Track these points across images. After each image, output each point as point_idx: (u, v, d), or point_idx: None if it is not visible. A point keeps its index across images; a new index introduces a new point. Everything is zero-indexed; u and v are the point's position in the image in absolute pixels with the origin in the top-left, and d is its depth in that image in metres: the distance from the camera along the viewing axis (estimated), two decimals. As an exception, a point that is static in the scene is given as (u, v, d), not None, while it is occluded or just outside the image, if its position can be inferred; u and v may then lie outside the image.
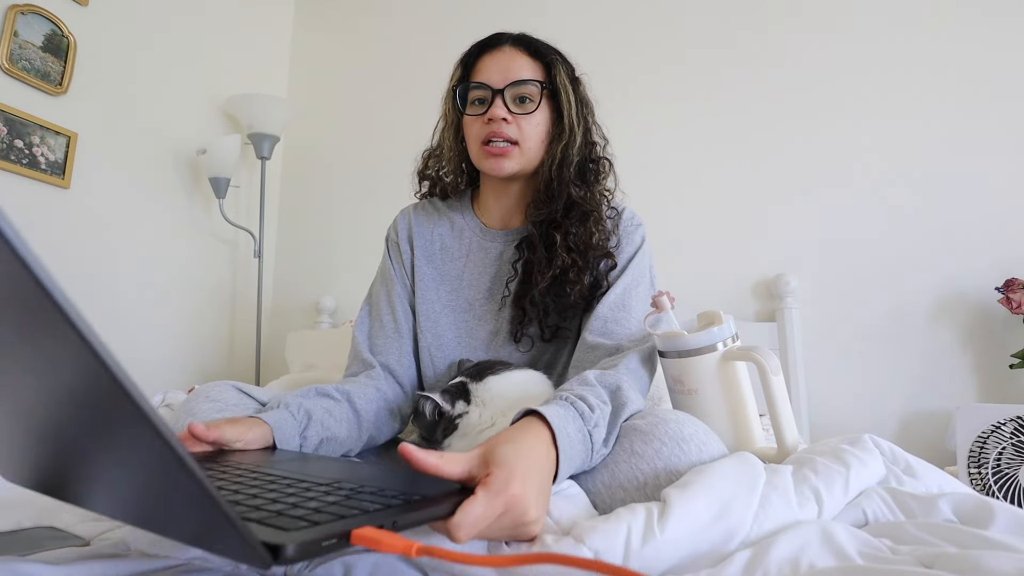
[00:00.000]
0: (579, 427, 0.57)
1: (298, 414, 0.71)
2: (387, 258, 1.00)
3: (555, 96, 0.89)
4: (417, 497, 0.41)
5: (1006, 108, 1.52)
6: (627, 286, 0.86)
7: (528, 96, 0.87)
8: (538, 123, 0.88)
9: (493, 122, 0.86)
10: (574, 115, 0.89)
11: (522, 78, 0.87)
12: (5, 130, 1.53)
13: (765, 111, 1.75)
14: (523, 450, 0.48)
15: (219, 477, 0.46)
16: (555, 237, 0.86)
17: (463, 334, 0.93)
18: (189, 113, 2.06)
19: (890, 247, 1.58)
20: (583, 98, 0.92)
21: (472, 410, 0.73)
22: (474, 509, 0.41)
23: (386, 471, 0.55)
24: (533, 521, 0.45)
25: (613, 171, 0.95)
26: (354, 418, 0.80)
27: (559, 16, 2.02)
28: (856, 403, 1.57)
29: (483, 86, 0.87)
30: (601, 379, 0.68)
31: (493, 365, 0.79)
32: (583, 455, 0.57)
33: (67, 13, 1.67)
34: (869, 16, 1.67)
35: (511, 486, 0.43)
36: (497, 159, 0.87)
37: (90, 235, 1.73)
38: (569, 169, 0.88)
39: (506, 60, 0.88)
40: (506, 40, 0.90)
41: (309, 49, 2.48)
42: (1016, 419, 1.21)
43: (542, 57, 0.89)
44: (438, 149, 1.00)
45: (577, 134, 0.89)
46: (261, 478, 0.45)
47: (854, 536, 0.46)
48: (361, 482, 0.45)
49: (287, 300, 2.32)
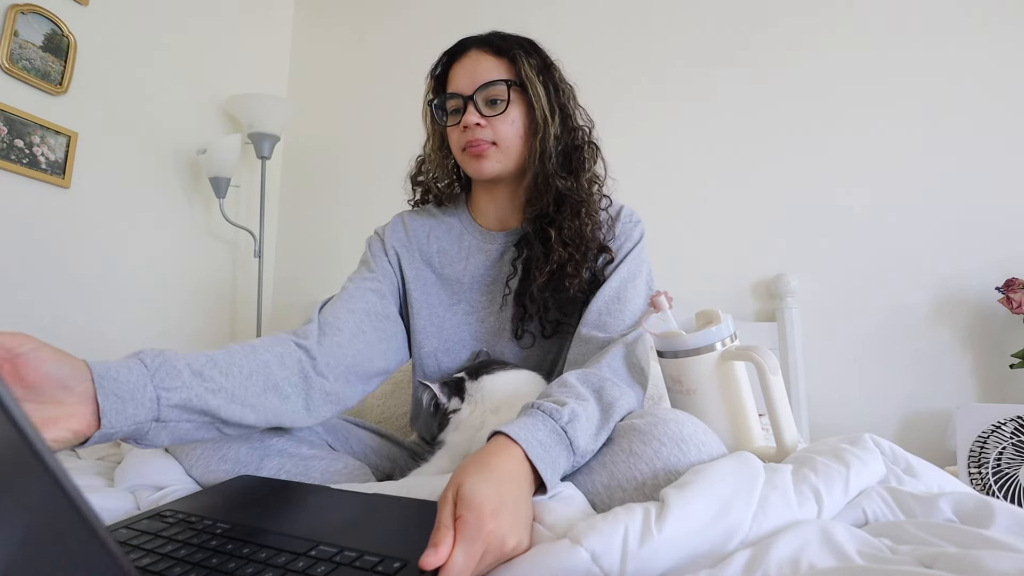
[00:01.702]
0: (551, 428, 0.57)
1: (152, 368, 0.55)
2: (370, 255, 0.96)
3: (525, 90, 0.87)
4: (398, 564, 0.42)
5: (1006, 108, 1.52)
6: (623, 279, 0.86)
7: (497, 97, 0.86)
8: (513, 120, 0.87)
9: (468, 129, 0.86)
10: (545, 105, 0.87)
11: (488, 80, 0.86)
12: (5, 130, 1.53)
13: (766, 111, 1.75)
14: (491, 477, 0.49)
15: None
16: (550, 233, 0.86)
17: (467, 336, 0.93)
18: (189, 113, 2.06)
19: (890, 247, 1.58)
20: (557, 85, 0.90)
21: (465, 407, 0.74)
22: (456, 561, 0.41)
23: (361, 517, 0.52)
24: (513, 548, 0.45)
25: (601, 156, 0.94)
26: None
27: (560, 16, 2.02)
28: (856, 403, 1.57)
29: (454, 96, 0.88)
30: (583, 379, 0.68)
31: (490, 364, 0.81)
32: (565, 454, 0.57)
33: (67, 13, 1.67)
34: (869, 20, 1.67)
35: (484, 525, 0.43)
36: (478, 161, 0.87)
37: (90, 235, 1.73)
38: (551, 161, 0.87)
39: (472, 65, 0.88)
40: (471, 44, 0.90)
41: (309, 49, 2.47)
42: (1016, 419, 1.21)
43: (506, 53, 0.88)
44: (427, 158, 1.00)
45: (552, 124, 0.87)
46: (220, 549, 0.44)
47: (854, 536, 0.46)
48: (339, 543, 0.45)
49: (287, 300, 2.32)
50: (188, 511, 0.52)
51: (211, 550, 0.44)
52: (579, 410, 0.60)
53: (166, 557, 0.43)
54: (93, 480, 0.73)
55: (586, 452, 0.60)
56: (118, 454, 0.85)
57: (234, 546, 0.44)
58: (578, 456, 0.59)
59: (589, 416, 0.61)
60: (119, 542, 0.46)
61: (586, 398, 0.64)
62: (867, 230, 1.61)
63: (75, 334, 1.67)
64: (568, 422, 0.58)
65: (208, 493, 0.60)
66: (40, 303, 1.60)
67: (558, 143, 0.88)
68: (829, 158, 1.67)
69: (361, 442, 0.89)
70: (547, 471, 0.54)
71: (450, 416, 0.74)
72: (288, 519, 0.53)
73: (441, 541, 0.42)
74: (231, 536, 0.46)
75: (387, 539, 0.48)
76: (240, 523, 0.49)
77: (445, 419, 0.75)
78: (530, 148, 0.88)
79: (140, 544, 0.45)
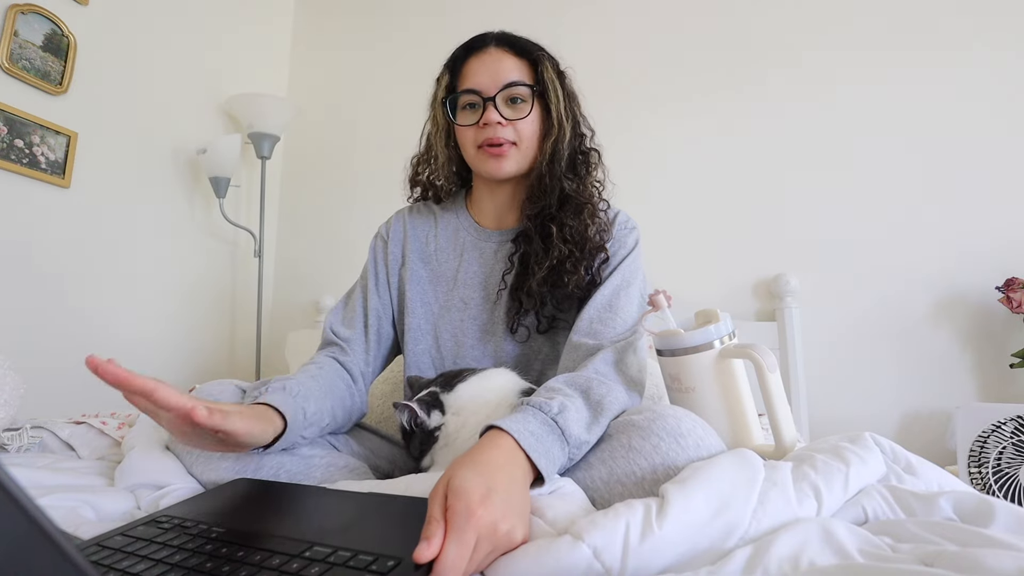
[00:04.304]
0: (541, 420, 0.58)
1: (307, 416, 0.73)
2: (372, 259, 1.00)
3: (543, 93, 0.88)
4: (392, 563, 0.41)
5: (1006, 108, 1.52)
6: (616, 287, 0.86)
7: (520, 97, 0.87)
8: (531, 121, 0.88)
9: (488, 127, 0.86)
10: (563, 110, 0.88)
11: (512, 80, 0.86)
12: (5, 130, 1.53)
13: (766, 111, 1.75)
14: (480, 468, 0.49)
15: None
16: (551, 229, 0.86)
17: (459, 332, 0.93)
18: (189, 113, 2.06)
19: (890, 247, 1.58)
20: (569, 92, 0.92)
21: (449, 419, 0.72)
22: (448, 552, 0.41)
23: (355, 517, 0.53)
24: (507, 532, 0.45)
25: (602, 162, 0.95)
26: (344, 410, 0.84)
27: (562, 16, 2.02)
28: (856, 403, 1.57)
29: (473, 92, 0.87)
30: (568, 382, 0.68)
31: (458, 373, 0.78)
32: (559, 444, 0.57)
33: (67, 13, 1.68)
34: (868, 18, 1.67)
35: (473, 512, 0.43)
36: (497, 160, 0.88)
37: (90, 235, 1.73)
38: (560, 164, 0.88)
39: (493, 63, 0.88)
40: (490, 40, 0.90)
41: (309, 49, 2.48)
42: (1016, 419, 1.21)
43: (528, 55, 0.89)
44: (427, 154, 0.99)
45: (567, 129, 0.89)
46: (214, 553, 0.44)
47: (854, 534, 0.46)
48: (333, 543, 0.45)
49: (287, 300, 2.32)
50: (183, 516, 0.52)
51: (206, 554, 0.44)
52: (568, 403, 0.61)
53: (161, 563, 0.43)
54: (94, 480, 0.73)
55: (580, 442, 0.60)
56: (118, 454, 0.85)
57: (229, 550, 0.45)
58: (572, 446, 0.59)
59: (578, 409, 0.62)
60: (113, 548, 0.46)
61: (573, 396, 0.64)
62: (867, 230, 1.61)
63: (75, 334, 1.67)
64: (558, 413, 0.59)
65: (203, 497, 0.60)
66: (40, 303, 1.60)
67: (568, 147, 0.89)
68: (829, 158, 1.67)
69: (361, 442, 0.89)
70: (541, 460, 0.54)
71: (437, 434, 0.71)
72: (283, 521, 0.53)
73: (433, 534, 0.42)
74: (226, 540, 0.47)
75: (381, 537, 0.48)
76: (235, 527, 0.49)
77: (431, 438, 0.71)
78: (542, 149, 0.89)
79: (135, 550, 0.45)
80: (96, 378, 0.50)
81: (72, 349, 1.65)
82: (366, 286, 0.97)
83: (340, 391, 0.83)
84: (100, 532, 0.52)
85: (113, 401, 1.58)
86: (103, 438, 0.92)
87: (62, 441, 0.91)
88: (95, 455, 0.88)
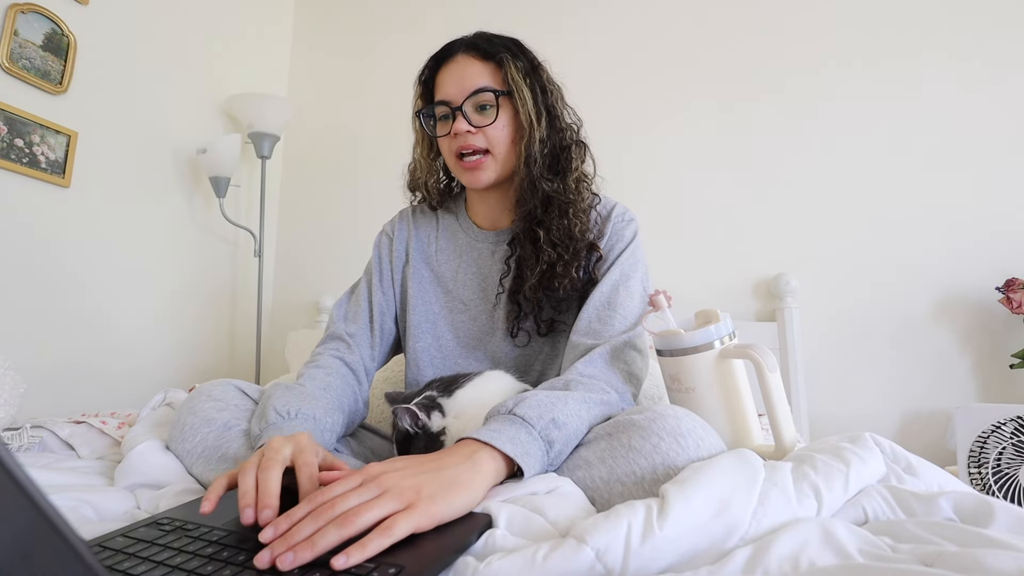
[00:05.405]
0: (501, 419, 0.60)
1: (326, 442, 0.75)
2: (377, 256, 1.00)
3: (511, 95, 0.86)
4: (393, 570, 0.41)
5: (1006, 108, 1.52)
6: (615, 283, 0.85)
7: (487, 103, 0.86)
8: (503, 125, 0.87)
9: (459, 136, 0.86)
10: (531, 109, 0.86)
11: (477, 87, 0.85)
12: (5, 129, 1.53)
13: (766, 111, 1.75)
14: (415, 459, 0.54)
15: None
16: (539, 233, 0.86)
17: (460, 334, 0.94)
18: (189, 112, 2.06)
19: (890, 247, 1.58)
20: (544, 86, 0.89)
21: (451, 422, 0.72)
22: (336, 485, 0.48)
23: None
24: (429, 496, 0.48)
25: (590, 154, 0.93)
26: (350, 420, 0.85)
27: (563, 16, 2.02)
28: (856, 403, 1.57)
29: (443, 103, 0.87)
30: (546, 384, 0.71)
31: (456, 379, 0.78)
32: (524, 429, 0.59)
33: (67, 12, 1.67)
34: (867, 16, 1.67)
35: (369, 471, 0.50)
36: (473, 172, 0.88)
37: (90, 235, 1.73)
38: (535, 165, 0.86)
39: (459, 70, 0.87)
40: (458, 48, 0.89)
41: (309, 49, 2.48)
42: (1016, 419, 1.21)
43: (492, 57, 0.87)
44: (417, 164, 0.99)
45: (538, 128, 0.86)
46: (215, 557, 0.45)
47: (854, 534, 0.46)
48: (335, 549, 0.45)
49: (287, 299, 2.32)
50: (185, 518, 0.52)
51: (207, 558, 0.44)
52: (527, 395, 0.63)
53: (162, 565, 0.43)
54: (93, 479, 0.73)
55: (545, 421, 0.61)
56: (118, 454, 0.85)
57: (230, 553, 0.44)
58: (542, 424, 0.60)
59: (539, 394, 0.64)
60: (114, 549, 0.46)
61: (536, 393, 0.66)
62: (867, 230, 1.61)
63: (75, 333, 1.67)
64: (515, 404, 0.61)
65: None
66: (40, 302, 1.60)
67: (543, 146, 0.87)
68: (829, 158, 1.67)
69: (361, 442, 0.90)
70: (508, 445, 0.56)
71: (442, 439, 0.71)
72: None
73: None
74: (227, 543, 0.46)
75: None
76: (236, 530, 0.49)
77: (436, 443, 0.71)
78: (517, 152, 0.87)
79: (136, 552, 0.45)
80: (96, 378, 0.50)
81: (72, 349, 1.65)
82: (371, 281, 0.98)
83: (349, 401, 0.84)
84: (100, 531, 0.52)
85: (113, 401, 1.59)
86: (103, 438, 0.92)
87: (62, 441, 0.91)
88: (95, 455, 0.88)
